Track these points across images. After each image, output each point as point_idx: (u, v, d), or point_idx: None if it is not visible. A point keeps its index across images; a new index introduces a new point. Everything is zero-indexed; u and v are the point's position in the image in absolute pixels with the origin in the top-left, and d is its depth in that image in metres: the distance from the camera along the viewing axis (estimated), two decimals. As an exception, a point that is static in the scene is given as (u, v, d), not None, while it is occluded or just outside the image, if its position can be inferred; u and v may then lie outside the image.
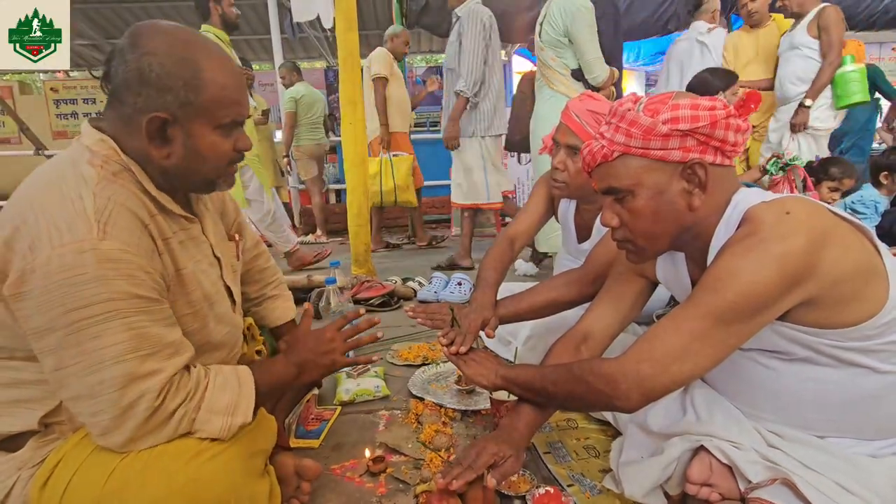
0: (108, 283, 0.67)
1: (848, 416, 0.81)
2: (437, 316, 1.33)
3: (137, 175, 0.78)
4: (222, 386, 0.78)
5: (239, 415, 0.78)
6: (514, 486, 0.95)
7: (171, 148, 0.78)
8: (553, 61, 2.53)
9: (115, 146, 0.77)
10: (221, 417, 0.76)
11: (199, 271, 0.86)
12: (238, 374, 0.82)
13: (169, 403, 0.72)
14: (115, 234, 0.69)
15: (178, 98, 0.75)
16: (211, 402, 0.76)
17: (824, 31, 2.70)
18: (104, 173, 0.74)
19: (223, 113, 0.79)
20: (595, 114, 1.30)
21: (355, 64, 2.54)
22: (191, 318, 0.83)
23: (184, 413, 0.73)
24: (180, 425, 0.73)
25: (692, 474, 0.83)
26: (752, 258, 0.72)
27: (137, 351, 0.70)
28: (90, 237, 0.67)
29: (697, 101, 0.78)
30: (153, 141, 0.76)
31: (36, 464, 0.75)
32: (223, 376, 0.80)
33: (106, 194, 0.71)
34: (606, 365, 0.81)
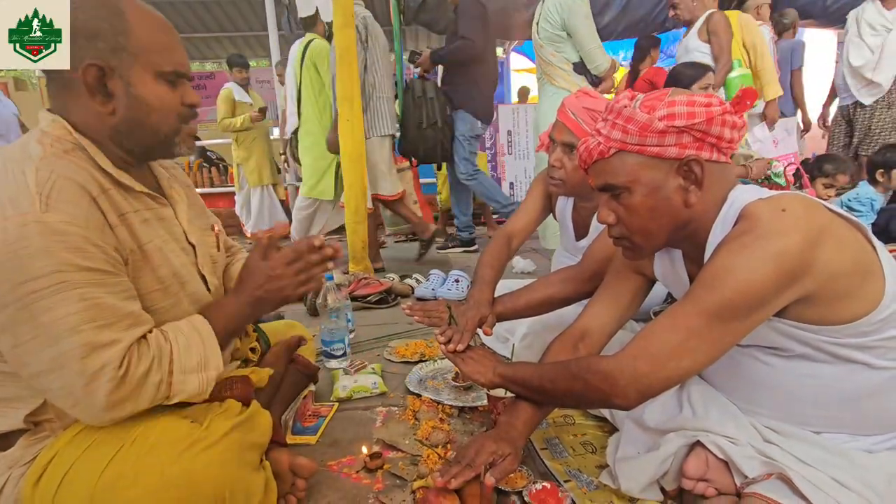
0: (53, 255, 0.67)
1: (844, 412, 0.81)
2: (435, 313, 1.33)
3: (91, 153, 0.77)
4: (186, 345, 0.78)
5: (211, 367, 0.78)
6: (511, 481, 0.96)
7: (114, 102, 0.77)
8: (553, 57, 2.53)
9: (67, 126, 0.77)
10: (196, 375, 0.77)
11: (166, 248, 0.85)
12: (197, 327, 0.81)
13: (134, 371, 0.71)
14: (58, 206, 0.68)
15: (109, 43, 0.74)
16: (181, 363, 0.76)
17: (713, 35, 2.68)
18: (52, 150, 0.73)
19: (160, 59, 0.78)
20: (591, 111, 1.30)
21: (352, 60, 2.54)
22: (160, 295, 0.82)
23: (159, 379, 0.73)
24: (158, 391, 0.74)
25: (688, 469, 0.83)
26: (749, 255, 0.72)
27: (93, 321, 0.69)
28: (32, 210, 0.66)
29: (693, 98, 0.78)
30: (95, 96, 0.76)
31: (27, 462, 0.75)
32: (184, 335, 0.79)
33: (49, 168, 0.71)
34: (604, 362, 0.81)
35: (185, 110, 0.83)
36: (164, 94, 0.80)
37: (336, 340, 1.56)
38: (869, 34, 3.11)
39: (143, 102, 0.78)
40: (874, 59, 3.07)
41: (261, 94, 5.22)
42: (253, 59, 7.71)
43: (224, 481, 0.73)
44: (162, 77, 0.79)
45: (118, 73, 0.76)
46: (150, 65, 0.78)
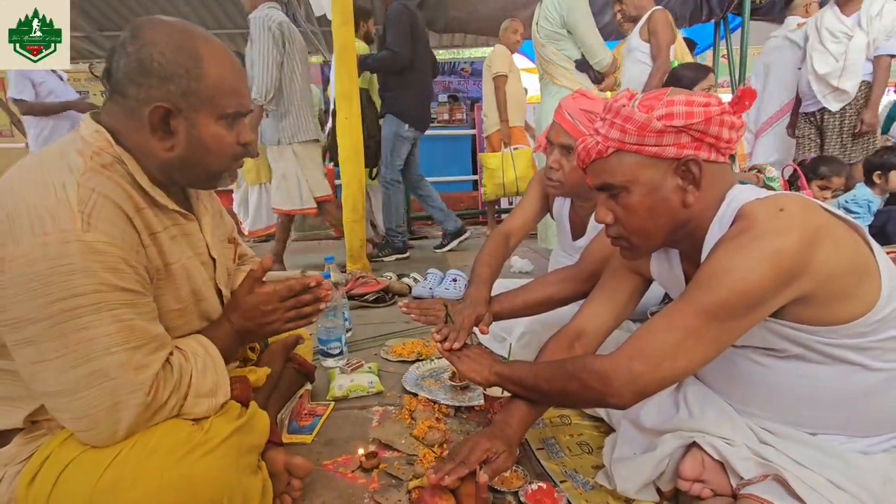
0: (94, 275, 0.67)
1: (840, 413, 0.81)
2: (431, 312, 1.33)
3: (130, 167, 0.77)
4: (203, 370, 0.80)
5: (220, 395, 0.81)
6: (507, 481, 0.95)
7: (174, 140, 0.77)
8: (555, 55, 2.51)
9: (109, 138, 0.76)
10: (207, 400, 0.79)
11: (190, 266, 0.85)
12: (209, 353, 0.83)
13: (160, 397, 0.72)
14: (98, 225, 0.68)
15: (181, 87, 0.75)
16: (197, 387, 0.78)
17: (652, 34, 2.63)
18: (92, 164, 0.73)
19: (225, 102, 0.79)
20: (588, 112, 1.30)
21: (350, 58, 2.53)
22: (177, 315, 0.83)
23: (175, 403, 0.75)
24: (170, 413, 0.75)
25: (684, 470, 0.83)
26: (746, 255, 0.72)
27: (127, 343, 0.69)
28: (74, 228, 0.66)
29: (692, 98, 0.78)
30: (156, 132, 0.76)
31: (22, 460, 0.74)
32: (201, 359, 0.81)
33: (90, 185, 0.70)
34: (599, 362, 0.81)
35: (239, 150, 0.84)
36: (224, 136, 0.81)
37: (333, 339, 1.56)
38: (830, 41, 3.05)
39: (203, 144, 0.79)
40: (839, 67, 3.01)
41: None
42: (252, 57, 7.69)
43: (223, 486, 0.73)
44: (223, 118, 0.80)
45: (184, 114, 0.77)
46: (216, 108, 0.78)
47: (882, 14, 2.88)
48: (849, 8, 2.97)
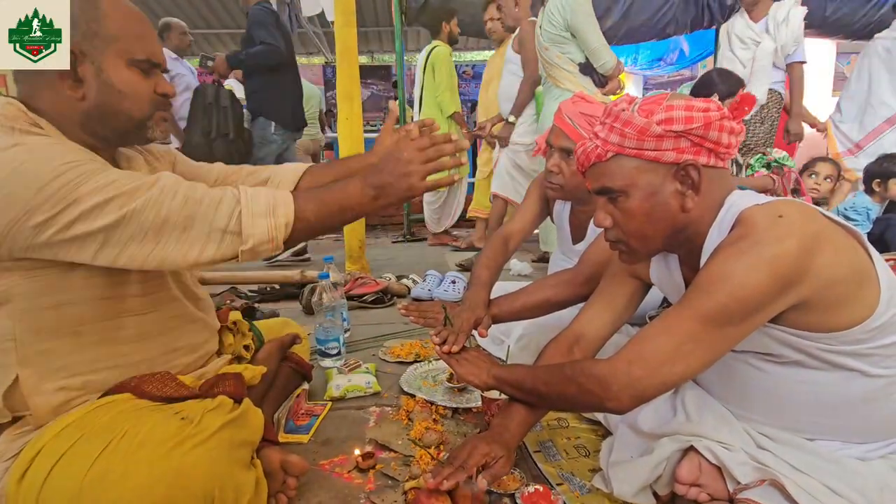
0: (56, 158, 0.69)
1: (838, 419, 0.82)
2: (430, 314, 1.33)
3: (47, 130, 0.77)
4: (255, 194, 0.79)
5: (280, 215, 0.79)
6: (504, 484, 0.95)
7: (84, 87, 0.77)
8: (559, 58, 2.50)
9: (21, 106, 0.76)
10: (264, 219, 0.78)
11: None
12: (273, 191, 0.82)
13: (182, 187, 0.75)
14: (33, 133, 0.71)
15: (80, 29, 0.75)
16: (249, 206, 0.77)
17: (521, 46, 2.61)
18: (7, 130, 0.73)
19: (132, 47, 0.79)
20: (587, 116, 1.30)
21: (353, 59, 2.53)
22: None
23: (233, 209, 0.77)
24: (231, 221, 0.76)
25: (681, 474, 0.83)
26: (745, 261, 0.72)
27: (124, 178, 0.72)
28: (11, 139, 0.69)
29: (692, 103, 0.79)
30: (65, 80, 0.76)
31: (11, 456, 0.74)
32: (250, 189, 0.81)
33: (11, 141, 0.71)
34: (598, 366, 0.81)
35: (158, 98, 0.84)
36: (137, 82, 0.81)
37: (331, 339, 1.55)
38: (739, 48, 3.01)
39: (114, 88, 0.79)
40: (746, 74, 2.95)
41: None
42: (254, 57, 7.70)
43: (213, 478, 0.72)
44: (135, 65, 0.80)
45: (90, 58, 0.76)
46: (123, 52, 0.78)
47: (788, 19, 2.85)
48: (756, 13, 2.95)
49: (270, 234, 0.78)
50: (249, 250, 0.77)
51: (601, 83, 2.52)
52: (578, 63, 2.48)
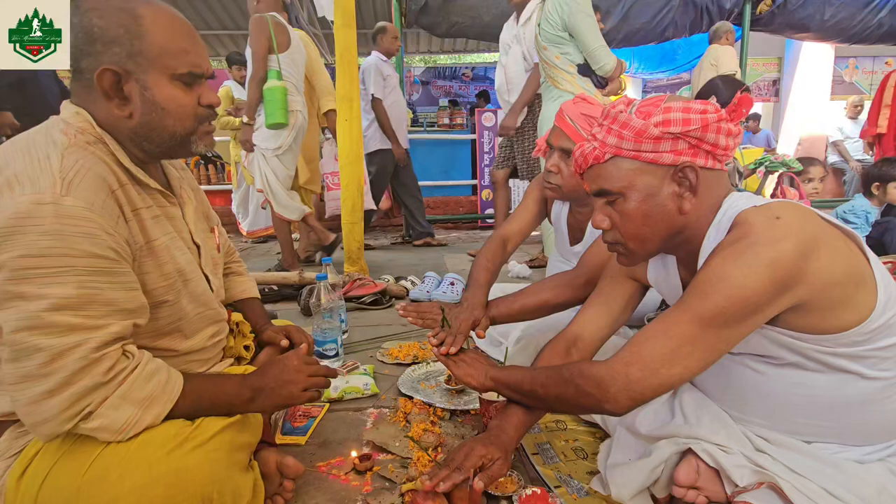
0: (65, 239, 0.66)
1: (835, 422, 0.81)
2: (428, 315, 1.32)
3: (111, 147, 0.78)
4: (148, 377, 0.73)
5: (150, 412, 0.72)
6: (501, 486, 0.95)
7: (130, 106, 0.77)
8: (557, 59, 2.46)
9: (90, 119, 0.77)
10: (131, 408, 0.71)
11: (172, 246, 0.85)
12: (170, 375, 0.77)
13: (102, 365, 0.68)
14: (78, 192, 0.68)
15: (125, 48, 0.75)
16: (129, 389, 0.71)
17: (249, 41, 2.44)
18: (76, 141, 0.74)
19: (174, 62, 0.78)
20: (588, 117, 1.30)
21: (352, 60, 2.54)
22: (164, 290, 0.82)
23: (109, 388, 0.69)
24: (97, 399, 0.68)
25: (679, 477, 0.83)
26: (742, 262, 0.72)
27: (80, 309, 0.67)
28: (52, 191, 0.67)
29: (689, 105, 0.79)
30: (111, 100, 0.76)
31: (13, 454, 0.74)
32: (154, 366, 0.75)
33: (74, 157, 0.71)
34: (596, 368, 0.81)
35: (202, 111, 0.84)
36: (180, 97, 0.80)
37: (329, 340, 1.55)
38: (502, 52, 2.88)
39: (158, 106, 0.79)
40: (505, 79, 2.85)
41: (260, 92, 5.21)
42: (253, 58, 7.71)
43: (212, 481, 0.72)
44: (177, 79, 0.79)
45: (134, 77, 0.76)
46: (166, 68, 0.78)
47: (531, 19, 2.73)
48: (519, 9, 2.81)
49: (127, 424, 0.70)
50: (89, 429, 0.70)
51: (601, 84, 2.50)
52: (577, 64, 2.46)
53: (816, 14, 4.40)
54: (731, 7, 4.37)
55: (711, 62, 3.72)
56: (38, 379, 0.66)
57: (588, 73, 2.47)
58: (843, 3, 4.43)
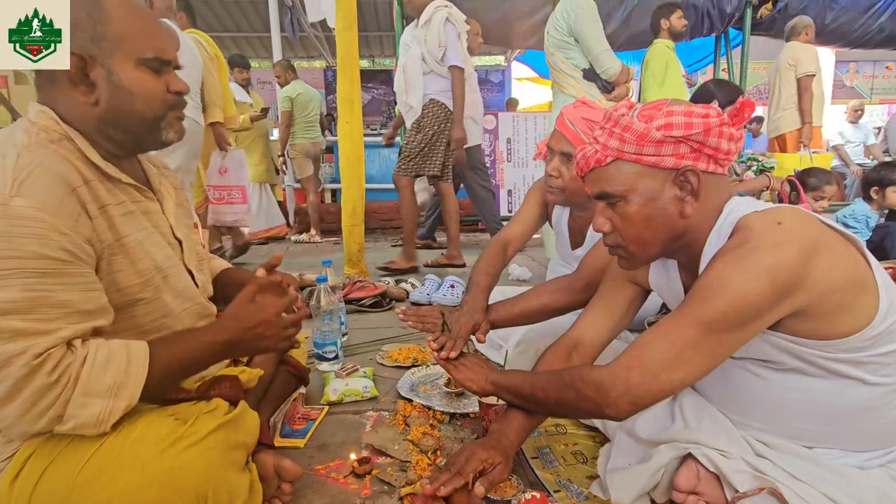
0: (12, 241, 0.65)
1: (836, 427, 0.81)
2: (428, 319, 1.32)
3: (78, 143, 0.77)
4: (104, 364, 0.69)
5: (122, 398, 0.70)
6: (501, 490, 0.95)
7: (97, 92, 0.77)
8: (563, 64, 2.49)
9: (54, 116, 0.77)
10: (100, 401, 0.68)
11: (148, 242, 0.84)
12: (130, 350, 0.73)
13: (45, 367, 0.65)
14: (30, 192, 0.67)
15: (87, 33, 0.75)
16: (89, 382, 0.68)
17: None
18: (37, 139, 0.73)
19: (140, 46, 0.78)
20: (589, 121, 1.30)
21: (353, 62, 2.54)
22: (140, 287, 0.81)
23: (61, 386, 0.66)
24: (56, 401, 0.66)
25: (679, 482, 0.83)
26: (744, 267, 0.72)
27: (27, 313, 0.66)
28: (2, 193, 0.66)
29: (691, 109, 0.79)
30: (77, 86, 0.76)
31: (6, 458, 0.73)
32: (107, 351, 0.71)
33: (31, 156, 0.71)
34: (596, 372, 0.81)
35: (171, 97, 0.83)
36: (147, 81, 0.80)
37: (328, 343, 1.55)
38: (403, 53, 2.84)
39: (125, 90, 0.78)
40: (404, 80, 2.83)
41: (262, 94, 5.23)
42: (255, 60, 7.74)
43: (207, 480, 0.71)
44: (144, 64, 0.79)
45: (99, 62, 0.76)
46: (131, 52, 0.77)
47: (431, 22, 2.72)
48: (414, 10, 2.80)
49: (102, 416, 0.68)
50: (68, 429, 0.68)
51: (606, 89, 2.51)
52: (582, 69, 2.47)
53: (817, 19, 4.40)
54: (732, 11, 4.37)
55: (789, 62, 3.63)
56: None
57: (593, 78, 2.48)
58: (843, 8, 4.44)
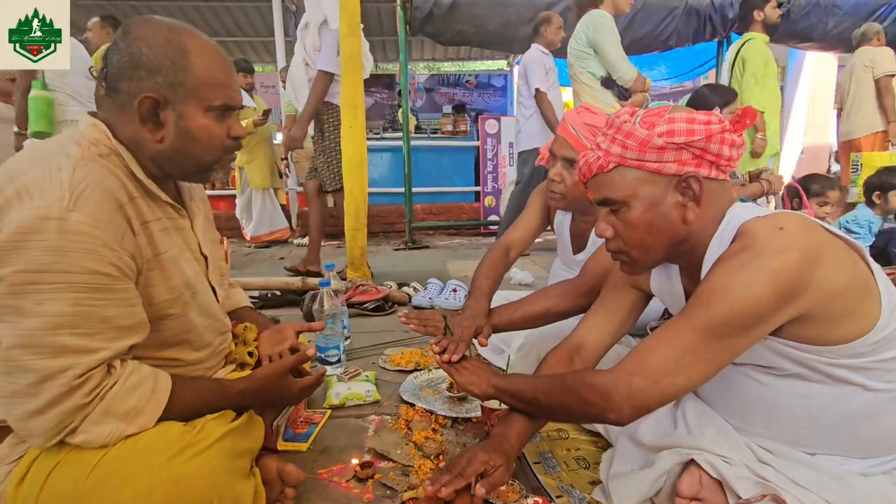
0: (67, 255, 0.67)
1: (839, 433, 0.81)
2: (431, 322, 1.32)
3: (126, 159, 0.79)
4: (131, 389, 0.73)
5: (136, 423, 0.73)
6: (503, 495, 0.95)
7: (163, 131, 0.79)
8: (581, 74, 2.60)
9: (106, 131, 0.78)
10: (115, 422, 0.72)
11: (181, 259, 0.86)
12: (157, 380, 0.77)
13: (85, 388, 0.69)
14: (84, 207, 0.69)
15: (168, 79, 0.77)
16: (111, 402, 0.71)
17: None
18: (89, 153, 0.75)
19: (212, 94, 0.81)
20: (592, 127, 1.31)
21: (357, 67, 2.55)
22: (170, 303, 0.83)
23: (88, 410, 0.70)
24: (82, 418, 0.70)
25: (682, 488, 0.82)
26: (746, 273, 0.72)
27: (75, 328, 0.68)
28: (59, 205, 0.67)
29: (693, 115, 0.79)
30: (146, 124, 0.78)
31: (13, 460, 0.74)
32: (138, 378, 0.75)
33: (85, 170, 0.72)
34: (599, 377, 0.81)
35: (230, 142, 0.86)
36: (212, 127, 0.82)
37: (331, 347, 1.55)
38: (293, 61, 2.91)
39: (191, 136, 0.81)
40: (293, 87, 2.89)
41: (265, 98, 5.25)
42: (259, 65, 7.78)
43: (213, 488, 0.72)
44: (211, 111, 0.82)
45: (172, 105, 0.79)
46: (203, 100, 0.80)
47: (308, 27, 2.73)
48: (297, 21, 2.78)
49: (109, 438, 0.71)
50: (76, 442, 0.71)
51: (624, 96, 2.58)
52: (600, 77, 2.56)
53: (819, 24, 4.41)
54: (734, 16, 4.38)
55: (866, 63, 3.63)
56: (27, 398, 0.68)
57: (610, 86, 2.55)
58: (846, 14, 4.44)
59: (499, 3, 4.14)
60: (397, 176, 4.98)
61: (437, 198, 5.52)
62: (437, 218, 5.48)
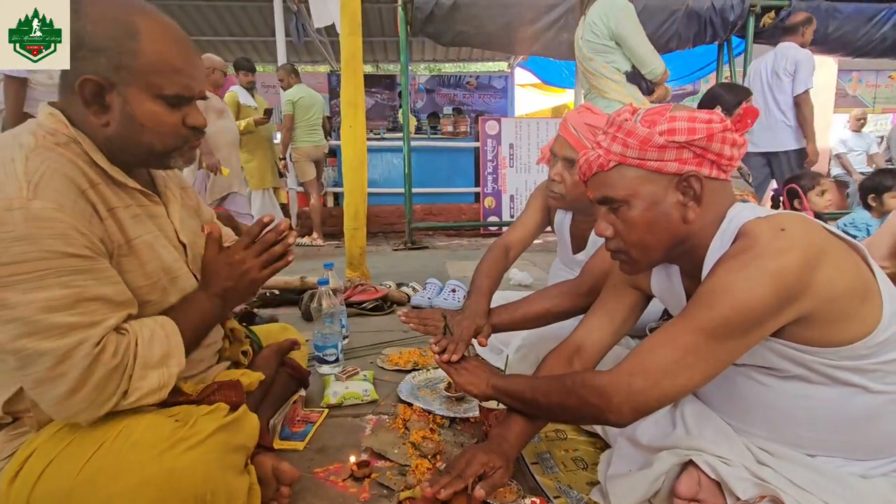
0: (37, 242, 0.66)
1: (839, 435, 0.81)
2: (430, 322, 1.32)
3: (85, 146, 0.77)
4: (150, 340, 0.76)
5: (173, 364, 0.77)
6: (501, 496, 0.94)
7: (109, 115, 0.77)
8: (604, 69, 2.45)
9: (64, 119, 0.77)
10: (156, 371, 0.76)
11: (157, 244, 0.84)
12: (162, 324, 0.80)
13: (107, 353, 0.70)
14: (45, 194, 0.68)
15: (112, 61, 0.74)
16: (144, 358, 0.74)
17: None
18: (44, 142, 0.73)
19: (163, 81, 0.77)
20: (592, 127, 1.31)
21: (357, 67, 2.55)
22: (147, 290, 0.82)
23: (124, 366, 0.72)
24: (122, 380, 0.72)
25: (680, 489, 0.82)
26: (747, 274, 0.72)
27: (72, 308, 0.68)
28: (19, 195, 0.66)
29: (694, 114, 0.79)
30: (90, 107, 0.76)
31: (6, 457, 0.73)
32: (149, 329, 0.77)
33: (39, 158, 0.71)
34: (598, 378, 0.80)
35: (185, 131, 0.82)
36: (162, 115, 0.79)
37: (329, 346, 1.55)
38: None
39: (136, 122, 0.77)
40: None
41: (266, 98, 5.25)
42: (260, 65, 7.78)
43: (205, 482, 0.71)
44: (162, 98, 0.78)
45: (117, 89, 0.76)
46: (151, 86, 0.76)
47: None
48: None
49: (161, 382, 0.76)
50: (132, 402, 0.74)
51: (649, 90, 2.51)
52: (625, 72, 2.47)
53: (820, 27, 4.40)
54: (734, 20, 4.39)
55: None
56: (54, 381, 0.67)
57: (637, 80, 2.47)
58: (846, 17, 4.44)
59: (500, 4, 4.15)
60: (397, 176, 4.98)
61: (437, 199, 5.52)
62: (436, 219, 5.48)
